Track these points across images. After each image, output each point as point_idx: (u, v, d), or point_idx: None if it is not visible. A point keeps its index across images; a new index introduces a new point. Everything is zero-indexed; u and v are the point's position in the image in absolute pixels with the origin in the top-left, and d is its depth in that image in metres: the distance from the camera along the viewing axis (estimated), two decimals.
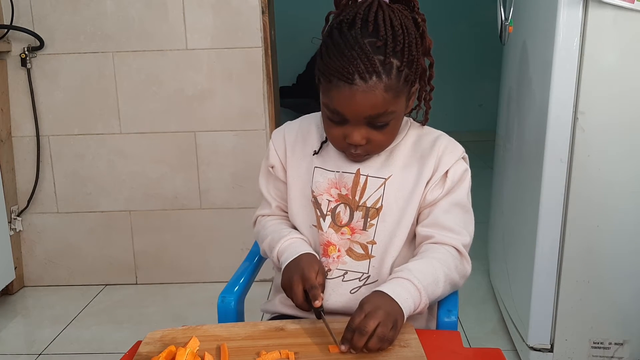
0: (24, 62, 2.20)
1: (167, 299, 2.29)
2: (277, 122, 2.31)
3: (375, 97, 0.84)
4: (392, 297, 0.82)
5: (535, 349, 1.65)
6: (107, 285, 2.41)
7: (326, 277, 0.97)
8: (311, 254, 0.95)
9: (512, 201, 1.92)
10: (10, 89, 2.25)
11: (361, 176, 0.97)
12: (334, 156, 0.98)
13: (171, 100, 2.25)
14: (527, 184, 1.69)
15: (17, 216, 2.33)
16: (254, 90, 2.23)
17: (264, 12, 2.17)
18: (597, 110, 1.46)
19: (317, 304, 0.85)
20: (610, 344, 1.60)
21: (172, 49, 2.20)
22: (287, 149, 1.03)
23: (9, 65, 2.23)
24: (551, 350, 1.63)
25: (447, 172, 0.96)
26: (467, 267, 0.96)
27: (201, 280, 2.39)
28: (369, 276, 0.97)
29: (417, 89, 0.94)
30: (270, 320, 1.00)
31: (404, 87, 0.87)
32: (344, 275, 0.97)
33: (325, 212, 0.98)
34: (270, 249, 1.00)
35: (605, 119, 1.47)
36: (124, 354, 0.83)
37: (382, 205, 0.96)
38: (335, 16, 0.90)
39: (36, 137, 2.27)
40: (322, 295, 0.86)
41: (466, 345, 1.10)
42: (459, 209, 0.96)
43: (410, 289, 0.85)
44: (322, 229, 0.98)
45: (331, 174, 0.98)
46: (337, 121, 0.89)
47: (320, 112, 0.96)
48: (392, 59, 0.84)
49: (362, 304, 0.81)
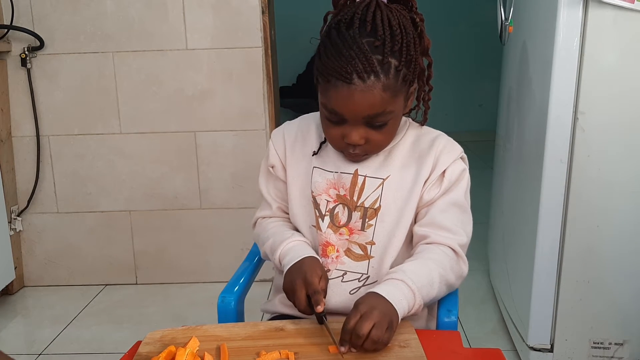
0: (24, 62, 2.20)
1: (167, 299, 2.29)
2: (277, 122, 2.31)
3: (373, 97, 0.84)
4: (387, 298, 0.82)
5: (535, 349, 1.65)
6: (107, 285, 2.42)
7: None
8: (314, 257, 0.94)
9: (512, 201, 1.92)
10: (10, 89, 2.25)
11: (359, 176, 0.96)
12: (332, 156, 0.98)
13: (171, 100, 2.25)
14: (527, 184, 1.69)
15: (17, 216, 2.33)
16: (254, 90, 2.23)
17: (264, 12, 2.17)
18: (597, 110, 1.46)
19: (320, 309, 0.84)
20: (610, 344, 1.60)
21: (172, 49, 2.20)
22: (287, 149, 1.03)
23: (9, 65, 2.23)
24: (551, 350, 1.63)
25: (444, 171, 0.95)
26: (464, 267, 0.96)
27: (201, 280, 2.39)
28: (369, 277, 0.97)
29: (415, 88, 0.94)
30: (270, 320, 1.00)
31: (402, 87, 0.87)
32: (343, 275, 0.97)
33: (323, 213, 0.98)
34: (272, 251, 0.99)
35: (605, 119, 1.47)
36: (124, 354, 0.83)
37: (380, 205, 0.96)
38: (333, 16, 0.90)
39: (36, 137, 2.27)
40: (324, 300, 0.86)
41: (466, 345, 1.10)
42: (456, 209, 0.96)
43: (404, 290, 0.84)
44: (320, 230, 0.97)
45: (330, 174, 0.98)
46: (335, 121, 0.89)
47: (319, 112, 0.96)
48: (390, 59, 0.84)
49: (357, 304, 0.81)
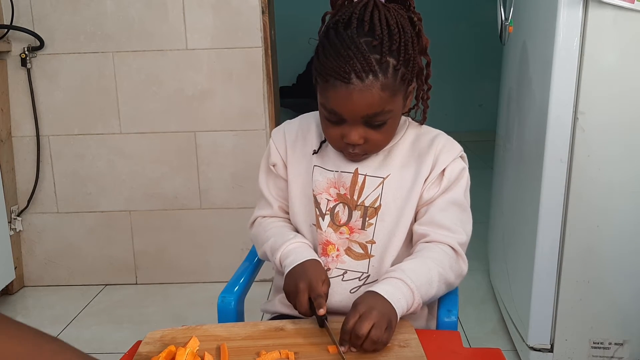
0: (24, 62, 2.20)
1: (167, 299, 2.29)
2: (277, 122, 2.31)
3: (371, 96, 0.84)
4: (385, 297, 0.82)
5: (535, 349, 1.65)
6: (107, 285, 2.41)
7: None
8: (317, 260, 0.94)
9: (512, 201, 1.92)
10: (10, 89, 2.25)
11: (359, 175, 0.96)
12: (333, 155, 0.98)
13: (171, 100, 2.25)
14: (527, 184, 1.69)
15: (17, 216, 2.33)
16: (254, 90, 2.23)
17: (264, 12, 2.17)
18: (597, 110, 1.46)
19: (322, 312, 0.84)
20: (610, 344, 1.60)
21: (172, 49, 2.20)
22: (288, 147, 1.03)
23: (9, 65, 2.23)
24: (551, 350, 1.63)
25: (444, 170, 0.95)
26: (463, 266, 0.96)
27: (201, 280, 2.39)
28: (369, 275, 0.97)
29: (414, 87, 0.94)
30: (270, 320, 1.00)
31: (401, 86, 0.87)
32: (343, 274, 0.97)
33: (324, 211, 0.98)
34: (272, 251, 0.98)
35: (605, 119, 1.47)
36: (124, 354, 0.83)
37: (380, 204, 0.96)
38: (331, 16, 0.90)
39: (36, 137, 2.27)
40: (326, 305, 0.85)
41: (466, 345, 1.10)
42: (455, 208, 0.96)
43: (403, 289, 0.84)
44: (321, 228, 0.97)
45: (330, 173, 0.98)
46: (334, 121, 0.89)
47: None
48: (388, 58, 0.84)
49: (356, 304, 0.81)
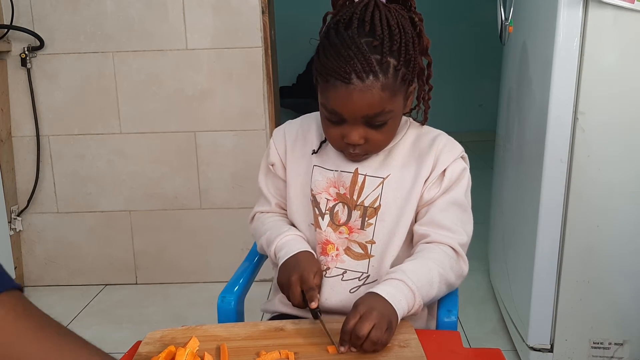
0: (24, 62, 2.20)
1: (167, 299, 2.29)
2: (277, 122, 2.31)
3: (372, 96, 0.84)
4: (386, 298, 0.82)
5: (535, 349, 1.65)
6: (107, 285, 2.41)
7: (325, 276, 0.97)
8: (309, 252, 0.95)
9: (512, 201, 1.92)
10: (10, 89, 2.25)
11: (359, 175, 0.97)
12: (333, 155, 0.98)
13: (171, 100, 2.25)
14: (527, 184, 1.68)
15: (17, 216, 2.33)
16: (254, 90, 2.23)
17: (264, 12, 2.17)
18: (597, 110, 1.46)
19: (314, 305, 0.84)
20: (610, 344, 1.60)
21: (172, 49, 2.20)
22: (288, 147, 1.03)
23: (9, 65, 2.23)
24: (551, 350, 1.63)
25: (444, 170, 0.95)
26: (464, 266, 0.95)
27: (201, 280, 2.39)
28: (369, 275, 0.97)
29: (415, 88, 0.94)
30: (270, 320, 1.00)
31: (401, 86, 0.87)
32: (342, 274, 0.97)
33: (323, 211, 0.98)
34: (268, 243, 1.00)
35: (605, 119, 1.47)
36: (124, 354, 0.83)
37: (380, 204, 0.96)
38: (332, 16, 0.90)
39: (36, 137, 2.27)
40: (319, 296, 0.86)
41: (466, 345, 1.10)
42: (456, 208, 0.96)
43: (404, 290, 0.84)
44: (320, 228, 0.98)
45: (330, 173, 0.98)
46: (335, 121, 0.89)
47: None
48: (388, 58, 0.84)
49: (356, 305, 0.81)
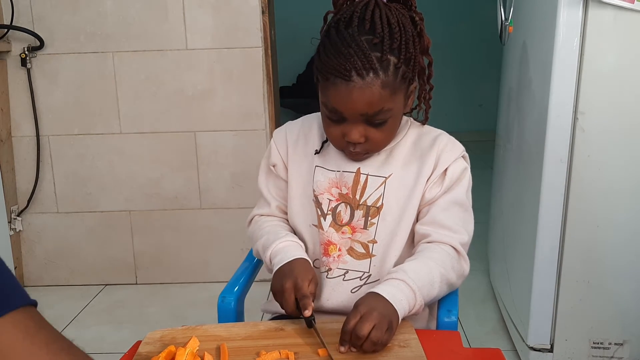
0: (24, 62, 2.20)
1: (167, 299, 2.29)
2: (277, 122, 2.31)
3: (372, 94, 0.84)
4: (387, 298, 0.82)
5: (535, 349, 1.65)
6: (107, 285, 2.41)
7: (327, 277, 0.97)
8: (305, 259, 0.94)
9: (512, 201, 1.92)
10: (10, 89, 2.25)
11: (361, 175, 0.97)
12: (334, 155, 0.98)
13: (171, 100, 2.25)
14: (527, 184, 1.69)
15: (17, 216, 2.33)
16: (254, 90, 2.23)
17: (264, 12, 2.17)
18: (597, 110, 1.46)
19: (307, 313, 0.83)
20: (610, 344, 1.60)
21: (172, 49, 2.20)
22: (289, 148, 1.03)
23: (9, 65, 2.23)
24: (551, 350, 1.63)
25: (446, 170, 0.95)
26: (465, 266, 0.95)
27: (201, 280, 2.39)
28: (370, 275, 0.97)
29: (415, 87, 0.94)
30: (270, 320, 1.00)
31: (402, 85, 0.88)
32: (344, 274, 0.97)
33: (325, 212, 0.98)
34: (264, 249, 0.99)
35: (605, 120, 1.47)
36: (124, 354, 0.83)
37: (382, 204, 0.96)
38: (333, 15, 0.91)
39: (36, 137, 2.27)
40: (312, 304, 0.85)
41: (466, 345, 1.10)
42: (457, 208, 0.96)
43: (405, 290, 0.84)
44: (322, 228, 0.97)
45: (332, 173, 0.98)
46: (335, 119, 0.89)
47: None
48: (389, 56, 0.84)
49: (357, 305, 0.81)
